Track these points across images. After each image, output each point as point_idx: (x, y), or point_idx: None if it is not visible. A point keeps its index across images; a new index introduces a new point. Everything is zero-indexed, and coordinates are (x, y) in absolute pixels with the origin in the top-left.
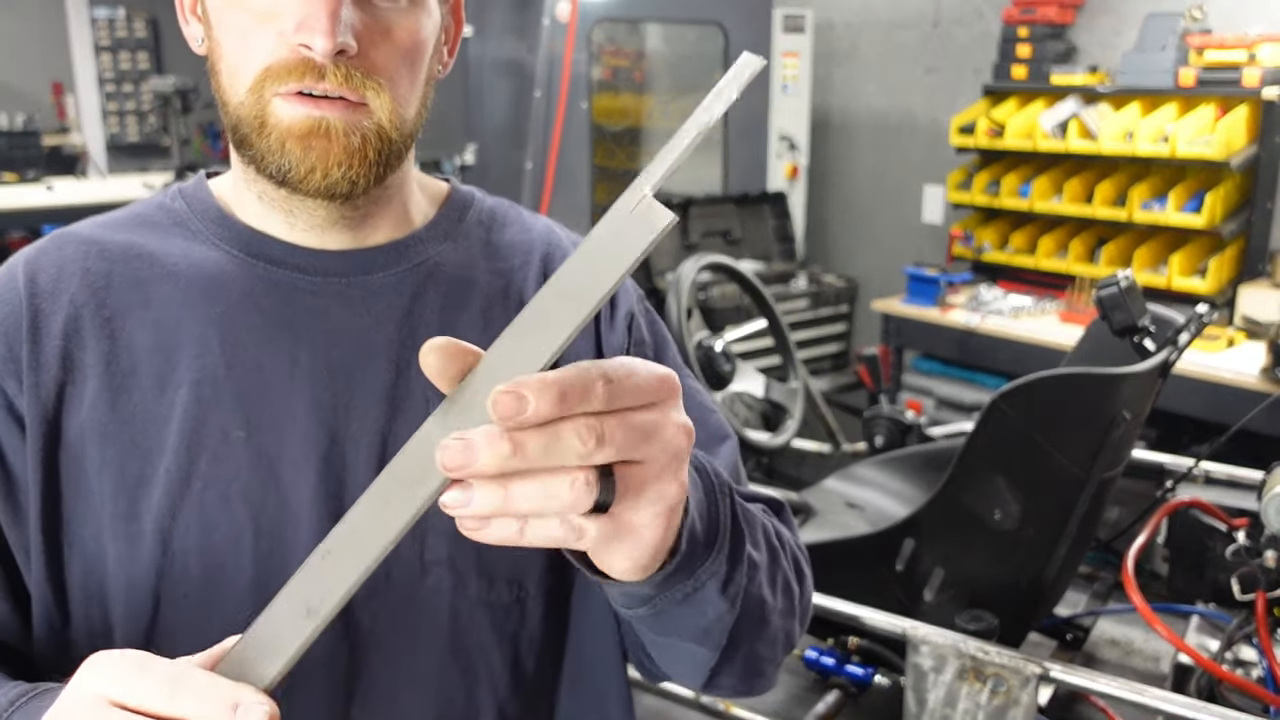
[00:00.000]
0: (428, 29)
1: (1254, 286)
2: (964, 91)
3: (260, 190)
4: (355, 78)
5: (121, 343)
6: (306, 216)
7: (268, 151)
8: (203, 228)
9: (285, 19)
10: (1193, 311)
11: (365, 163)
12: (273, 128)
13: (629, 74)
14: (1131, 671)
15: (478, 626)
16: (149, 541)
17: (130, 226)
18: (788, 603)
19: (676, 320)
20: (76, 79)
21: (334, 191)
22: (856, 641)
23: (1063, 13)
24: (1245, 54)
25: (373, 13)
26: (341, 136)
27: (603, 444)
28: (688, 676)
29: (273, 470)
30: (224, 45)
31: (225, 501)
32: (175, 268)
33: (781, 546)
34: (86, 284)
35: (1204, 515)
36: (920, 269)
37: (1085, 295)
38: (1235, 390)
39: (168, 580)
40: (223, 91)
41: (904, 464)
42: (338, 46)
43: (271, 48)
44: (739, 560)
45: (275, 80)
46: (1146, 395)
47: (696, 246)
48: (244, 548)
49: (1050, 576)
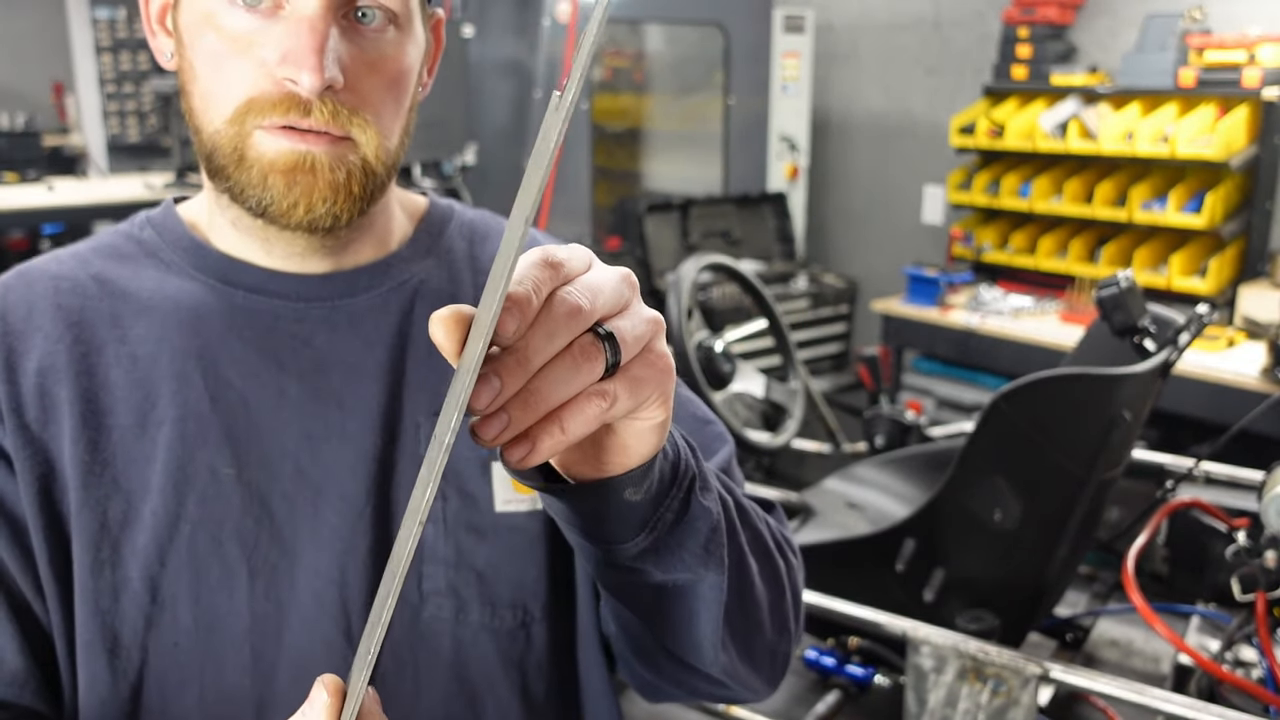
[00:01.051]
0: (413, 56)
1: (1254, 287)
2: (964, 92)
3: (234, 217)
4: (342, 114)
5: (98, 380)
6: (284, 245)
7: (248, 185)
8: (176, 257)
9: (267, 49)
10: (1193, 312)
11: (350, 197)
12: (254, 161)
13: (629, 74)
14: (1132, 672)
15: (482, 655)
16: (136, 589)
17: (100, 259)
18: (773, 571)
19: (676, 320)
20: (77, 79)
21: (316, 226)
22: (857, 642)
23: (1063, 13)
24: (1245, 54)
25: (359, 43)
26: (327, 172)
27: (594, 300)
28: (702, 637)
29: (265, 507)
30: (197, 68)
31: (217, 544)
32: (150, 301)
33: (764, 524)
34: (60, 320)
35: (1204, 515)
36: (920, 269)
37: (1085, 295)
38: (1235, 390)
39: (156, 629)
40: (195, 116)
41: (904, 464)
42: (325, 82)
43: (253, 79)
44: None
45: (258, 114)
46: (1147, 395)
47: (697, 247)
48: (238, 590)
49: (1050, 577)
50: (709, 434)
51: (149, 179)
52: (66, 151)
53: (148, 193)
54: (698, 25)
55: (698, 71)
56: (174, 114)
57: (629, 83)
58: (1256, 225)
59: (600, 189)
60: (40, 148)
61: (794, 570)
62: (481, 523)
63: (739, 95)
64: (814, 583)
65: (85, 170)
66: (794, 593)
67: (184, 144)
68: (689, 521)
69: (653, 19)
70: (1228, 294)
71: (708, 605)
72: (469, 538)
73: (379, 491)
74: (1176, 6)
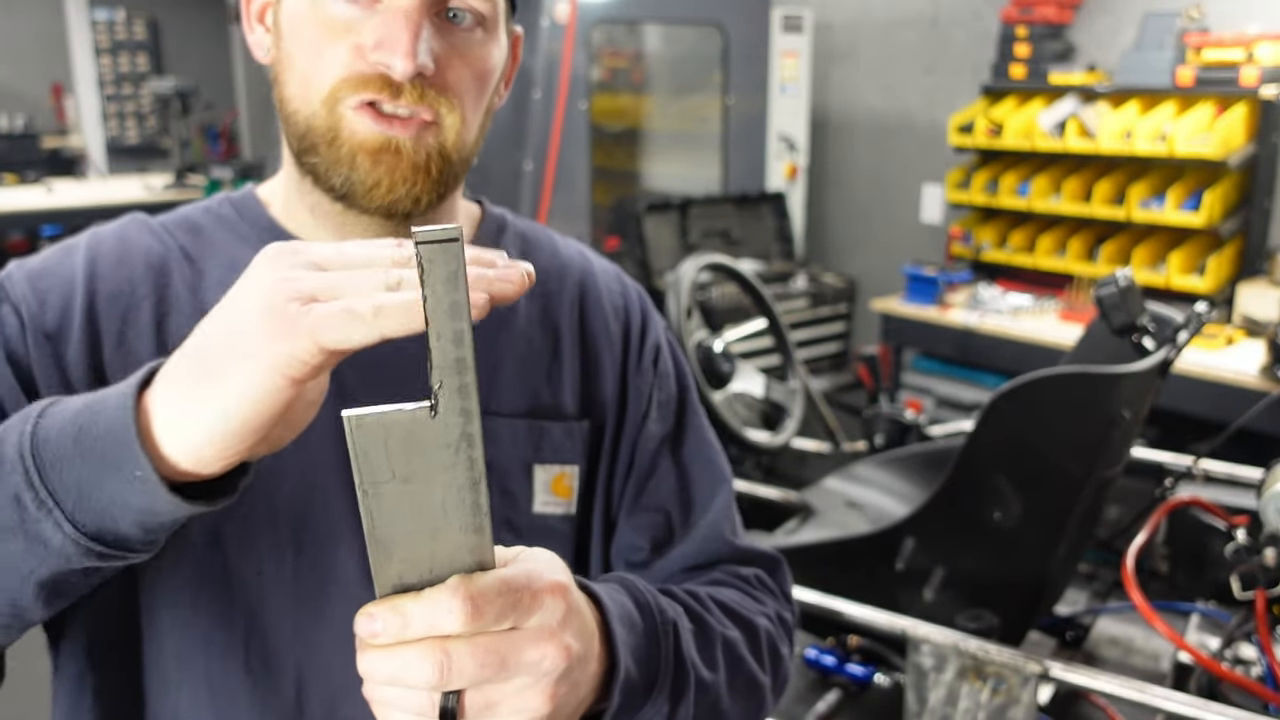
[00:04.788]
0: (496, 58)
1: (1252, 285)
2: (962, 91)
3: (314, 203)
4: (429, 95)
5: (171, 343)
6: (359, 232)
7: (336, 162)
8: (253, 234)
9: (364, 34)
10: (1191, 310)
11: (429, 180)
12: (345, 140)
13: (628, 75)
14: (1132, 670)
15: None
16: (198, 551)
17: (181, 231)
18: (752, 699)
19: (676, 320)
20: (76, 81)
21: (395, 209)
22: (857, 641)
23: (1061, 12)
24: (1243, 53)
25: (449, 38)
26: (410, 154)
27: (448, 674)
28: None
29: (315, 485)
30: (295, 56)
31: (270, 514)
32: (224, 274)
33: (752, 639)
34: (147, 277)
35: (1204, 514)
36: (919, 268)
37: (1084, 294)
38: (1234, 388)
39: (208, 593)
40: (291, 101)
41: (904, 463)
42: (418, 68)
43: (347, 60)
44: (683, 694)
45: (350, 91)
46: (1146, 394)
47: (696, 247)
48: (285, 562)
49: (1050, 575)
50: (707, 479)
51: (148, 180)
52: (66, 153)
53: (147, 194)
54: (696, 25)
55: (696, 71)
56: (173, 115)
57: (628, 83)
58: (1255, 223)
59: (599, 189)
60: (39, 149)
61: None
62: (518, 521)
63: (738, 95)
64: (814, 582)
65: (84, 172)
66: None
67: (183, 145)
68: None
69: (651, 19)
70: (1226, 292)
71: None
72: (506, 534)
73: None
74: (1175, 5)
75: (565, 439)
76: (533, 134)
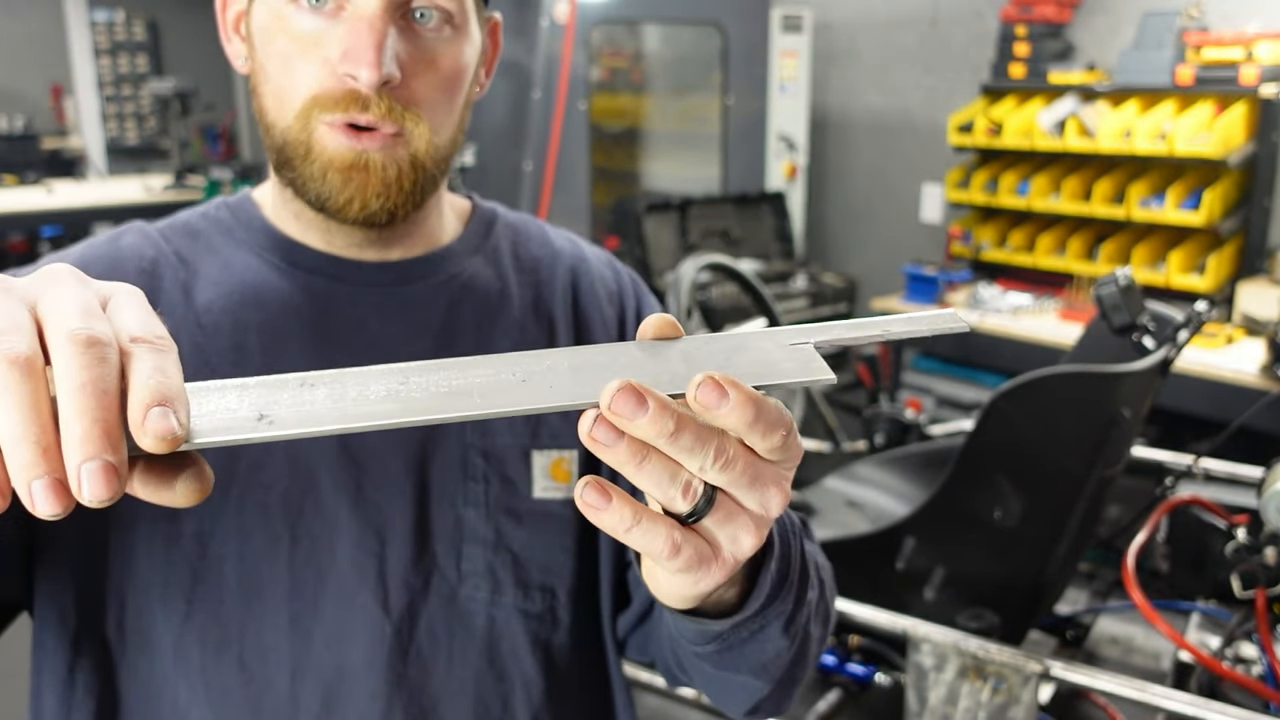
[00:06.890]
0: (469, 56)
1: (1253, 284)
2: (962, 90)
3: (297, 210)
4: (396, 110)
5: None
6: (344, 236)
7: (309, 178)
8: (247, 236)
9: (330, 47)
10: (1192, 309)
11: (401, 193)
12: (317, 156)
13: (627, 75)
14: (1132, 669)
15: (513, 633)
16: (188, 546)
17: (178, 236)
18: (824, 630)
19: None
20: (76, 82)
21: (372, 221)
22: (857, 640)
23: (1060, 11)
24: (1243, 52)
25: (417, 42)
26: (379, 170)
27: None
28: (733, 706)
29: (311, 478)
30: (268, 69)
31: (264, 509)
32: (218, 275)
33: (823, 576)
34: (138, 281)
35: (1204, 512)
36: (919, 268)
37: (1084, 293)
38: (1235, 387)
39: (203, 586)
40: (268, 114)
41: (904, 463)
42: (383, 78)
43: (318, 76)
44: (803, 600)
45: (322, 109)
46: (1146, 393)
47: (695, 246)
48: (280, 556)
49: (1051, 574)
50: None
51: (148, 181)
52: (65, 154)
53: (147, 195)
54: (696, 25)
55: (696, 71)
56: (172, 116)
57: (627, 83)
58: (1255, 222)
59: (599, 189)
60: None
61: (834, 612)
62: (520, 507)
63: (737, 95)
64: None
65: (84, 173)
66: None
67: (183, 146)
68: (759, 642)
69: (651, 19)
70: (1226, 291)
71: (749, 694)
72: (508, 521)
73: (419, 470)
74: (1174, 4)
75: (562, 424)
76: (533, 134)
